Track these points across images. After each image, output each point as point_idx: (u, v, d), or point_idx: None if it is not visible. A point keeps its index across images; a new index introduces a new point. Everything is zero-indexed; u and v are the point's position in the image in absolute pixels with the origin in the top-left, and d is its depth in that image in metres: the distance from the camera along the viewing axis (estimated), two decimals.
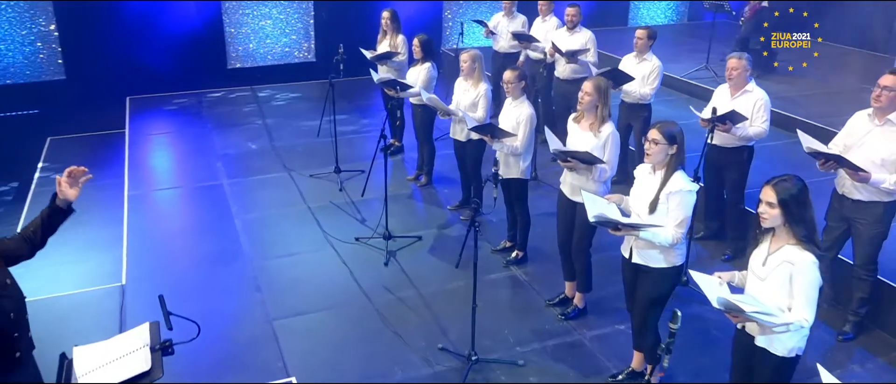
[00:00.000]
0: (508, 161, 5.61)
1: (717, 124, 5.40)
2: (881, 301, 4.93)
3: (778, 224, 3.20)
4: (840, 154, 4.59)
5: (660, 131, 3.85)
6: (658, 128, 3.87)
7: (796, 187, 3.18)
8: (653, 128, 3.89)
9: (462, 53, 6.29)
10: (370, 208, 6.93)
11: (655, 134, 3.86)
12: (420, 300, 5.44)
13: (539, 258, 6.00)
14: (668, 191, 3.87)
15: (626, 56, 6.95)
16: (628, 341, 4.90)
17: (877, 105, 4.57)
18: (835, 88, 9.35)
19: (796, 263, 3.16)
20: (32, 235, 3.17)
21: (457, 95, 6.36)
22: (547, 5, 8.37)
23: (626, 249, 4.17)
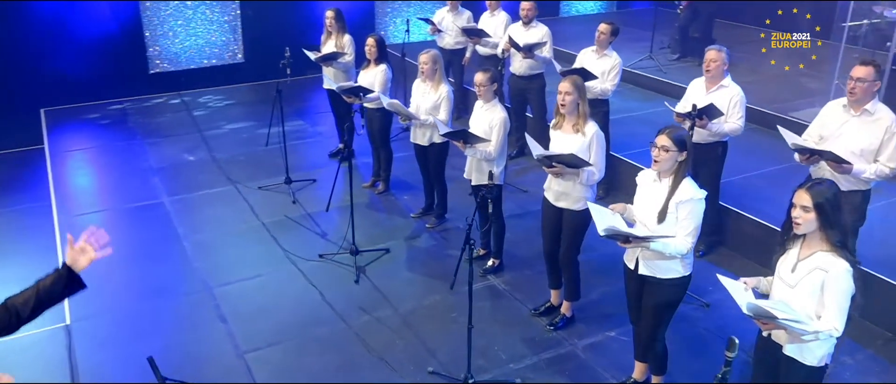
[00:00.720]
0: (481, 166, 5.39)
1: (692, 118, 5.33)
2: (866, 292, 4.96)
3: (812, 229, 3.10)
4: (825, 149, 4.57)
5: (669, 137, 3.69)
6: (667, 133, 3.70)
7: (831, 191, 3.09)
8: (661, 133, 3.73)
9: (421, 55, 6.01)
10: (329, 221, 6.58)
11: (665, 140, 3.69)
12: (399, 319, 5.16)
13: (515, 265, 5.82)
14: (677, 200, 3.72)
15: (584, 50, 6.82)
16: (622, 349, 4.80)
17: (852, 98, 4.58)
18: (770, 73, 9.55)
19: (830, 271, 3.06)
20: (21, 306, 2.62)
21: (415, 98, 6.09)
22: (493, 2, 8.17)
23: (631, 260, 4.01)
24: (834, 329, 3.08)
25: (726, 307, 5.12)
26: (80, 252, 2.72)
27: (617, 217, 3.88)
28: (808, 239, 3.18)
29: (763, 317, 3.10)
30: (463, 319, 5.05)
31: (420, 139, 6.17)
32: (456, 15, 8.56)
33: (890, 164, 4.51)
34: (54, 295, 2.65)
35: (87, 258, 2.73)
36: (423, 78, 6.03)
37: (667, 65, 9.67)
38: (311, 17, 10.93)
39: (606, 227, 3.75)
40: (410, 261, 5.93)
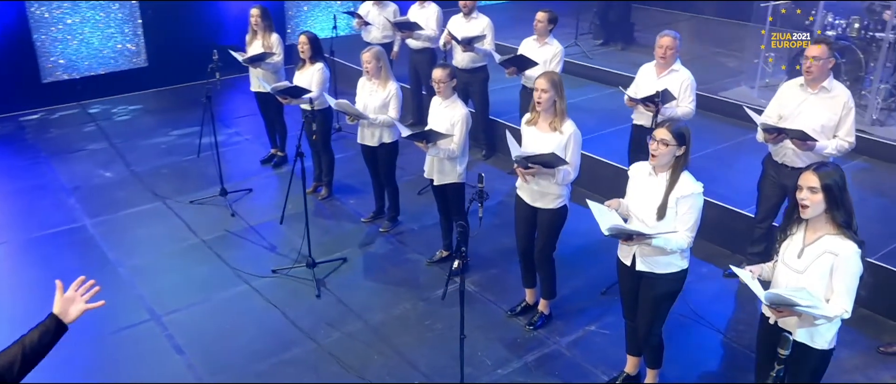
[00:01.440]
0: (443, 166, 5.20)
1: (647, 104, 5.34)
2: None
3: (819, 211, 3.09)
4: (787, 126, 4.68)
5: (669, 130, 3.61)
6: (667, 127, 3.62)
7: (838, 172, 3.09)
8: (661, 127, 3.64)
9: (364, 53, 5.75)
10: (275, 232, 6.20)
11: (664, 134, 3.61)
12: (371, 332, 4.90)
13: (480, 264, 5.67)
14: (676, 195, 3.65)
15: (526, 40, 6.74)
16: (606, 343, 4.76)
17: (809, 76, 4.70)
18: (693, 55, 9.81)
19: (839, 254, 3.07)
20: (6, 369, 2.23)
21: (362, 97, 5.82)
22: None
23: (627, 257, 3.93)
24: (845, 311, 3.09)
25: (695, 293, 5.19)
26: (70, 301, 2.36)
27: (612, 212, 3.79)
28: (812, 223, 3.18)
29: (783, 306, 3.08)
30: (438, 326, 4.93)
31: (369, 140, 5.90)
32: (381, 7, 8.29)
33: (849, 138, 4.66)
34: (42, 349, 2.31)
35: (77, 309, 2.40)
36: (369, 76, 5.76)
37: (591, 50, 9.76)
38: (218, 16, 10.34)
39: (610, 226, 3.65)
40: (370, 270, 5.67)
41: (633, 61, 9.42)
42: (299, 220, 6.29)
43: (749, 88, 8.05)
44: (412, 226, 6.29)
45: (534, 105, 4.47)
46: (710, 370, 4.52)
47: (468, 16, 7.26)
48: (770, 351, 3.43)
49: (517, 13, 11.03)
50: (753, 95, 7.82)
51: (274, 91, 6.27)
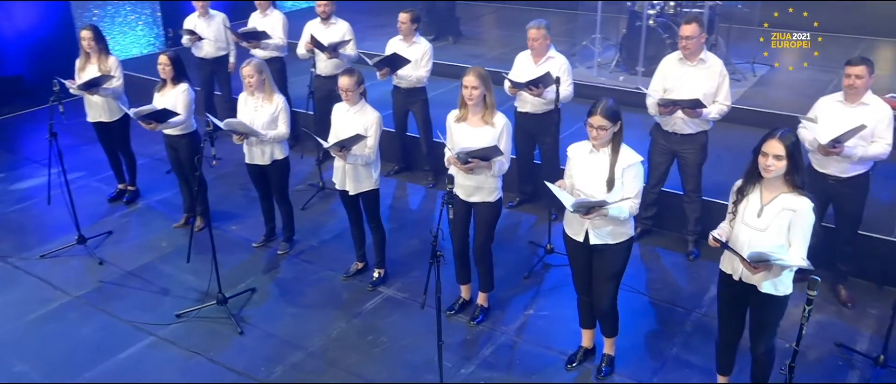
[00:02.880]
0: (358, 174, 5.03)
1: (530, 88, 5.56)
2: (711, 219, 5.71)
3: (780, 174, 3.43)
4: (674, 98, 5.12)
5: (603, 116, 3.79)
6: (600, 112, 3.78)
7: (795, 137, 3.45)
8: (594, 114, 3.80)
9: (243, 67, 5.38)
10: (160, 274, 5.58)
11: (600, 120, 3.77)
12: (317, 360, 4.61)
13: (398, 270, 5.54)
14: (621, 166, 3.85)
15: (392, 40, 6.69)
16: (550, 324, 4.91)
17: (686, 52, 5.19)
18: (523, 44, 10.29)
19: (797, 209, 3.42)
20: None
21: (245, 114, 5.44)
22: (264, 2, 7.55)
23: (579, 234, 4.06)
24: (803, 260, 3.45)
25: None
26: None
27: (564, 192, 3.91)
28: (767, 184, 3.51)
29: (762, 263, 3.37)
30: (382, 339, 4.81)
31: (259, 158, 5.52)
32: (208, 20, 7.76)
33: (726, 102, 5.22)
34: None
35: None
36: (251, 91, 5.39)
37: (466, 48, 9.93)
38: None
39: (575, 202, 3.77)
40: (286, 295, 5.31)
41: (468, 53, 9.76)
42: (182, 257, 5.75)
43: (586, 69, 8.67)
44: (311, 243, 5.99)
45: (462, 101, 4.47)
46: (648, 329, 4.83)
47: (326, 21, 7.02)
48: (736, 305, 3.78)
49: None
50: (592, 74, 8.44)
51: (136, 117, 5.63)
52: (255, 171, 5.63)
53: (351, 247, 5.76)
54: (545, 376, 4.40)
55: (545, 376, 4.40)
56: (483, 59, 9.44)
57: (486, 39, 10.68)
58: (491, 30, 11.39)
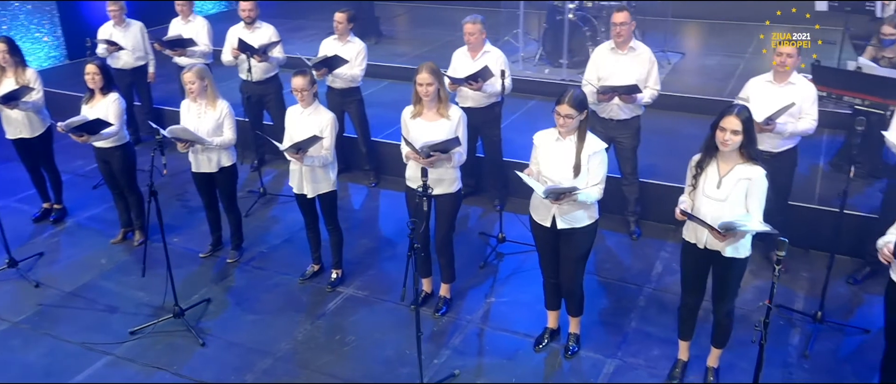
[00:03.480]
0: (316, 176, 5.01)
1: (469, 83, 5.68)
2: (648, 199, 6.02)
3: (736, 147, 3.69)
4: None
5: (570, 105, 3.93)
6: (567, 101, 3.92)
7: (748, 112, 3.71)
8: (562, 103, 3.93)
9: (184, 74, 5.26)
10: (104, 292, 5.36)
11: (567, 109, 3.91)
12: (288, 363, 4.57)
13: (354, 269, 5.55)
14: (587, 153, 4.02)
15: (326, 40, 6.67)
16: (512, 309, 5.06)
17: (619, 39, 5.45)
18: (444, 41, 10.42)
19: (753, 178, 3.70)
20: None
21: (188, 122, 5.32)
22: (188, 5, 7.34)
23: (546, 219, 4.20)
24: (762, 224, 3.73)
25: None
26: None
27: (531, 178, 4.06)
28: (723, 157, 3.77)
29: (731, 232, 3.62)
30: (350, 338, 4.83)
31: (205, 166, 5.39)
32: (124, 28, 7.48)
33: (656, 86, 5.52)
34: None
35: None
36: (193, 98, 5.26)
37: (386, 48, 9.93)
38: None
39: (546, 189, 3.91)
40: (244, 303, 5.21)
41: (392, 52, 9.82)
42: (126, 273, 5.58)
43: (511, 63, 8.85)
44: (260, 249, 5.90)
45: (417, 98, 4.54)
46: (605, 307, 5.04)
47: (251, 25, 6.89)
48: (700, 272, 4.03)
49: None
50: (518, 68, 8.66)
51: (66, 129, 5.37)
52: (201, 180, 5.49)
53: (302, 250, 5.75)
54: (516, 359, 4.53)
55: (516, 359, 4.53)
56: (409, 58, 9.52)
57: (408, 38, 10.75)
58: (410, 29, 11.47)
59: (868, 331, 4.70)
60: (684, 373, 4.32)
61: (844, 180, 5.76)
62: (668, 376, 4.32)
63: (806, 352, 4.51)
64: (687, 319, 4.26)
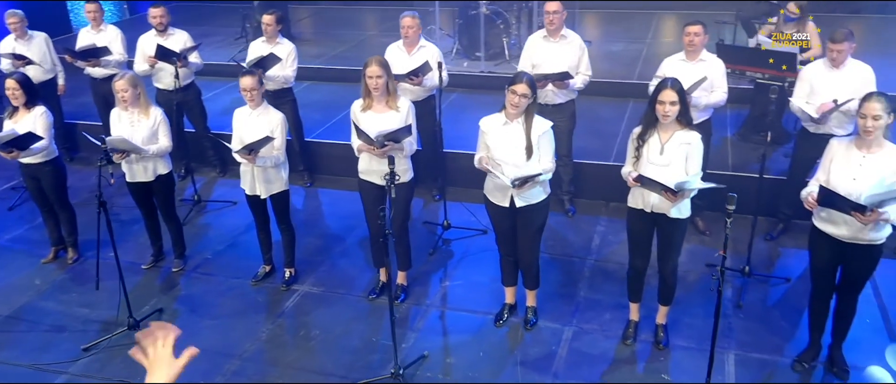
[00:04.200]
0: (269, 176, 5.03)
1: (410, 78, 5.83)
2: (581, 179, 6.36)
3: (674, 117, 4.02)
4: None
5: (527, 84, 4.17)
6: (525, 82, 4.16)
7: (681, 84, 4.04)
8: (519, 83, 4.15)
9: (116, 82, 5.14)
10: (45, 313, 5.17)
11: (524, 88, 4.14)
12: (256, 363, 4.57)
13: (306, 266, 5.58)
14: (537, 133, 4.26)
15: (255, 42, 6.65)
16: (467, 290, 5.27)
17: (552, 27, 5.73)
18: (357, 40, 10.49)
19: (692, 142, 4.05)
20: None
21: (120, 131, 5.18)
22: (99, 13, 7.09)
23: (504, 200, 4.41)
24: (704, 182, 4.09)
25: None
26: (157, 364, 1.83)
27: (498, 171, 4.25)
28: (663, 127, 4.09)
29: (685, 191, 3.94)
30: (315, 332, 4.91)
31: (141, 176, 5.28)
32: (27, 41, 7.16)
33: (588, 72, 5.84)
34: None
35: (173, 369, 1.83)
36: (126, 106, 5.15)
37: None
38: None
39: (513, 177, 4.12)
40: (198, 309, 5.15)
41: (307, 54, 9.75)
42: (65, 291, 5.41)
43: None
44: (205, 255, 5.82)
45: (367, 91, 4.65)
46: (554, 280, 5.30)
47: (163, 32, 6.74)
48: (646, 235, 4.36)
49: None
50: None
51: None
52: (138, 190, 5.37)
53: (247, 254, 5.76)
54: (480, 335, 4.73)
55: (480, 335, 4.73)
56: (325, 59, 9.56)
57: (320, 40, 10.73)
58: (320, 31, 11.44)
59: (789, 280, 5.21)
60: (637, 332, 4.64)
61: (753, 148, 6.32)
62: (623, 336, 4.63)
63: (740, 302, 4.94)
64: (635, 281, 4.58)
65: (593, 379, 4.33)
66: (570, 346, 4.61)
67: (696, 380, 4.23)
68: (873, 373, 4.24)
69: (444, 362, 4.49)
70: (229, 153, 7.22)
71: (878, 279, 4.99)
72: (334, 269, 5.57)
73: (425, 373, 4.41)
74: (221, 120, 7.50)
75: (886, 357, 4.37)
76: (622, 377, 4.36)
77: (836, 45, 4.96)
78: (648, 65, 8.79)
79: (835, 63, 5.04)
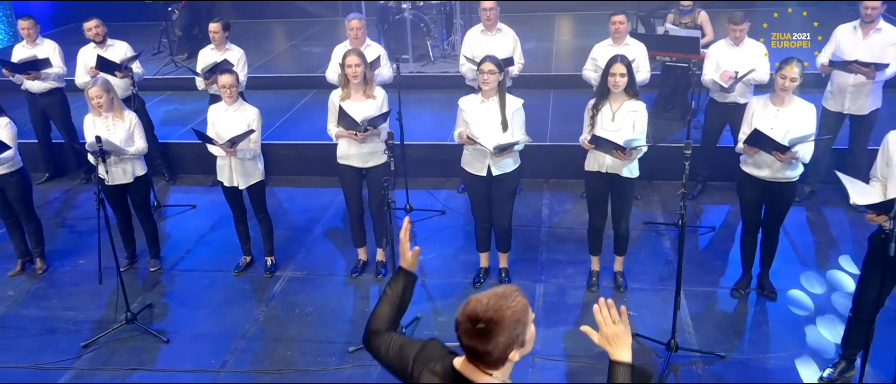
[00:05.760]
0: (246, 168, 5.32)
1: None
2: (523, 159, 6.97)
3: (622, 88, 4.69)
4: None
5: (493, 62, 4.74)
6: (490, 61, 4.74)
7: (627, 58, 4.72)
8: (485, 63, 4.73)
9: (89, 89, 5.27)
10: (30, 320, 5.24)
11: (490, 66, 4.71)
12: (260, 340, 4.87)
13: (284, 254, 5.88)
14: (510, 110, 4.84)
15: (204, 50, 6.85)
16: (443, 262, 5.76)
17: (487, 23, 6.35)
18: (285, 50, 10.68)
19: (638, 110, 4.72)
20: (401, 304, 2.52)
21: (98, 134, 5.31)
22: (35, 28, 7.03)
23: (481, 170, 4.94)
24: (646, 145, 4.78)
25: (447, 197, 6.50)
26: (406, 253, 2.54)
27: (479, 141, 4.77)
28: (613, 96, 4.75)
29: (633, 149, 4.61)
30: (309, 309, 5.32)
31: (121, 178, 5.42)
32: None
33: (522, 60, 6.48)
34: (408, 299, 2.55)
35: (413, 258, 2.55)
36: (101, 111, 5.30)
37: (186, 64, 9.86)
38: None
39: (495, 145, 4.66)
40: (188, 302, 5.36)
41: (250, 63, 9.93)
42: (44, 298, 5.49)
43: None
44: (179, 254, 6.00)
45: (345, 81, 5.06)
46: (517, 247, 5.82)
47: (102, 44, 6.80)
48: (603, 194, 5.01)
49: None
50: None
51: None
52: (116, 193, 5.48)
53: (221, 249, 6.01)
54: (463, 296, 5.01)
55: (463, 296, 5.01)
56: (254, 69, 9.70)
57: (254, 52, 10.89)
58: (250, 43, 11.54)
59: (714, 228, 6.06)
60: (599, 280, 5.30)
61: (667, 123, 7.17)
62: (588, 285, 5.27)
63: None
64: (595, 237, 5.23)
65: (570, 321, 4.94)
66: (545, 299, 5.19)
67: (653, 312, 4.93)
68: None
69: (437, 321, 4.96)
70: (177, 161, 7.47)
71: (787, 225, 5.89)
72: (311, 255, 5.90)
73: (422, 331, 4.86)
74: (163, 130, 7.65)
75: (801, 281, 5.25)
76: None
77: (737, 25, 5.85)
78: (560, 59, 9.65)
79: (736, 41, 5.93)
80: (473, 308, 1.94)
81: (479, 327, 1.92)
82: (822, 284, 5.21)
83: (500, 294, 1.97)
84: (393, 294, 2.47)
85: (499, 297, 1.95)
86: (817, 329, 4.73)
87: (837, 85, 5.97)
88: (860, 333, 3.95)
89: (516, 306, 1.95)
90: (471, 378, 2.03)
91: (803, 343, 4.61)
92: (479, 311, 1.93)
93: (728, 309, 5.04)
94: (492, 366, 2.00)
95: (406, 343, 2.28)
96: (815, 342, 4.61)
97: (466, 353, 2.02)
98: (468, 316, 1.95)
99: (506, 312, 1.93)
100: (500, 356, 1.96)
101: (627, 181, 4.90)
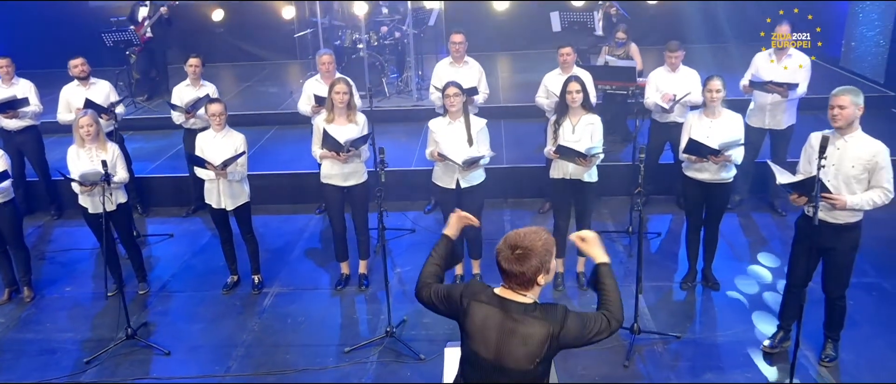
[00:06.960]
0: (234, 190, 5.70)
1: None
2: None
3: (579, 103, 5.33)
4: None
5: (455, 87, 5.32)
6: (453, 85, 5.32)
7: (581, 79, 5.37)
8: (449, 87, 5.30)
9: (83, 118, 5.56)
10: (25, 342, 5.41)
11: (454, 89, 5.29)
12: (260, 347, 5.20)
13: (269, 272, 6.22)
14: (475, 129, 5.41)
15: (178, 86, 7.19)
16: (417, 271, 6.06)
17: (456, 55, 6.93)
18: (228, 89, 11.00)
19: (594, 123, 5.37)
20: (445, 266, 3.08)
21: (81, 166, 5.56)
22: (10, 67, 7.23)
23: (451, 183, 5.48)
24: (603, 153, 5.42)
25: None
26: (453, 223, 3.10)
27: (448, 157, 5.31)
28: (572, 111, 5.39)
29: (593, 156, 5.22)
30: (300, 319, 5.62)
31: (108, 205, 5.68)
32: None
33: (486, 90, 7.09)
34: (453, 259, 3.12)
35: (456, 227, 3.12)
36: (86, 142, 5.56)
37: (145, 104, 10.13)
38: None
39: (464, 159, 5.20)
40: (181, 319, 5.64)
41: None
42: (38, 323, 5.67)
43: None
44: (163, 277, 6.26)
45: (331, 106, 5.53)
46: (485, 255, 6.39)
47: (86, 81, 7.10)
48: (566, 199, 5.61)
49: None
50: None
51: None
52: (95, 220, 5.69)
53: (206, 271, 6.32)
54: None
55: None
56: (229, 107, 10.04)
57: None
58: None
59: (659, 234, 6.73)
60: (563, 280, 5.86)
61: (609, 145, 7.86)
62: (553, 285, 5.82)
63: (631, 253, 6.33)
64: (560, 240, 5.79)
65: None
66: None
67: None
68: None
69: (422, 323, 5.39)
70: (147, 194, 7.73)
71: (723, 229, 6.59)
72: (295, 273, 6.26)
73: (410, 332, 5.29)
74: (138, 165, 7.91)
75: (738, 274, 5.95)
76: None
77: (673, 53, 6.63)
78: (506, 92, 10.35)
79: (672, 68, 6.70)
80: (513, 238, 2.50)
81: (517, 252, 2.47)
82: (756, 276, 5.92)
83: (533, 230, 2.53)
84: (437, 255, 3.03)
85: (531, 232, 2.52)
86: (754, 312, 5.40)
87: (758, 103, 6.80)
88: (794, 303, 4.60)
89: (546, 238, 2.52)
90: (510, 298, 2.55)
91: (745, 323, 5.27)
92: (517, 240, 2.49)
93: (679, 299, 5.67)
94: (525, 288, 2.53)
95: (449, 286, 2.79)
96: (755, 321, 5.27)
97: (504, 277, 2.56)
98: (509, 244, 2.49)
99: (538, 242, 2.48)
100: (531, 277, 2.50)
101: (588, 185, 5.52)
